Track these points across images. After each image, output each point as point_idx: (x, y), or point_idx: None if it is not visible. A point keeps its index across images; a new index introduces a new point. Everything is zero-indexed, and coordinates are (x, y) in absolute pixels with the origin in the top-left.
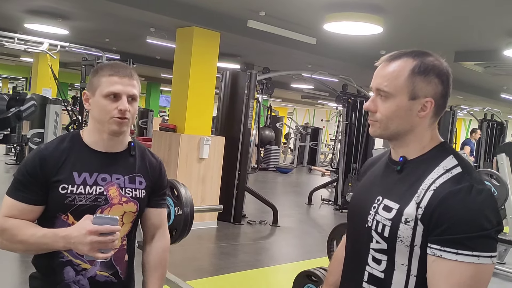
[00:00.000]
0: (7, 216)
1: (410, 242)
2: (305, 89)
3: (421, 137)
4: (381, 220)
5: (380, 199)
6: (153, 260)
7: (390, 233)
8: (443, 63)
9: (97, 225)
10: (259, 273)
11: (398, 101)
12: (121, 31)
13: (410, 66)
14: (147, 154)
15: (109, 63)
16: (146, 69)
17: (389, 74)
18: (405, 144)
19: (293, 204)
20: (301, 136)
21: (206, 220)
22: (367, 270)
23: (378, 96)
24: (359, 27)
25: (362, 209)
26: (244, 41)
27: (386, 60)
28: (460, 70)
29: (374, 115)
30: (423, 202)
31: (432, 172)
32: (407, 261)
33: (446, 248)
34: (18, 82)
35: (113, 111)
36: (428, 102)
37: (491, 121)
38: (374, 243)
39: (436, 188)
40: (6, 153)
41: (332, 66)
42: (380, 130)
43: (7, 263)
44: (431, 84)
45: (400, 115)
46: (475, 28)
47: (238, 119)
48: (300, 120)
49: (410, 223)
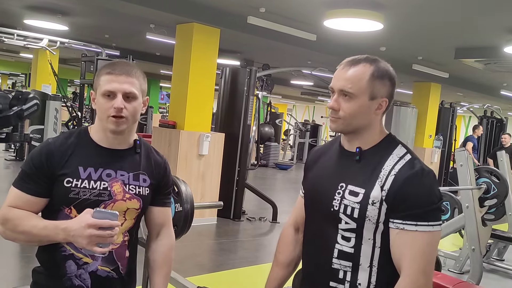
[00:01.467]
0: (11, 206)
1: (376, 219)
2: (304, 86)
3: (374, 130)
4: (349, 203)
5: (343, 186)
6: (158, 258)
7: (360, 214)
8: (391, 68)
9: (97, 219)
10: (259, 269)
11: (360, 101)
12: (120, 27)
13: (370, 71)
14: (152, 152)
15: (110, 62)
16: (145, 65)
17: (352, 77)
18: (361, 136)
19: (292, 200)
20: (300, 133)
21: (206, 216)
22: (337, 248)
23: (341, 96)
24: (360, 24)
25: (324, 195)
26: (244, 38)
27: (346, 65)
28: (460, 67)
29: (337, 113)
30: (386, 185)
31: (388, 159)
32: (373, 236)
33: (407, 222)
34: (17, 78)
35: (110, 109)
36: (383, 101)
37: (491, 118)
38: (343, 224)
39: (396, 173)
40: (5, 149)
41: (332, 62)
42: (342, 126)
43: (8, 257)
44: (386, 86)
45: (361, 113)
46: (475, 25)
47: (238, 116)
48: (299, 116)
49: (376, 204)
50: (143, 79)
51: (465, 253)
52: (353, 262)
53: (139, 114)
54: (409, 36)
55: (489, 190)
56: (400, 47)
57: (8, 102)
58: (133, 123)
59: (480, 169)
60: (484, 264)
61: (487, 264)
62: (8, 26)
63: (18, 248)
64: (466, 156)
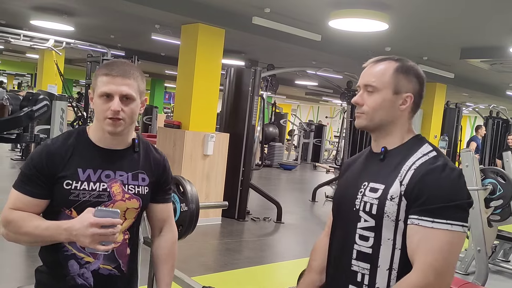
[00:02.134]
0: (12, 208)
1: (395, 217)
2: (309, 86)
3: (401, 128)
4: (368, 200)
5: (366, 184)
6: (162, 253)
7: (378, 210)
8: (420, 69)
9: (99, 217)
10: (263, 269)
11: (384, 95)
12: (126, 27)
13: (394, 66)
14: (151, 150)
15: (108, 62)
16: (150, 65)
17: (376, 72)
18: (387, 134)
19: (297, 201)
20: (305, 133)
21: (211, 216)
22: (355, 248)
23: (366, 92)
24: (365, 24)
25: (349, 196)
26: (248, 38)
27: (372, 62)
28: (466, 67)
29: (361, 107)
30: (405, 180)
31: (412, 156)
32: (392, 236)
33: (423, 217)
34: (23, 78)
35: (107, 111)
36: (408, 97)
37: (496, 118)
38: (362, 222)
39: (416, 167)
40: (12, 149)
41: (337, 63)
42: (366, 121)
43: (13, 257)
44: (412, 82)
45: (384, 107)
46: (481, 25)
47: (243, 116)
48: (304, 117)
49: (395, 199)
50: (141, 80)
51: (471, 254)
52: (372, 264)
53: (136, 115)
54: (414, 36)
55: (495, 191)
56: (405, 48)
57: (19, 103)
58: (131, 124)
59: (486, 170)
60: (489, 265)
61: (493, 265)
62: (14, 27)
63: (24, 248)
64: (472, 157)
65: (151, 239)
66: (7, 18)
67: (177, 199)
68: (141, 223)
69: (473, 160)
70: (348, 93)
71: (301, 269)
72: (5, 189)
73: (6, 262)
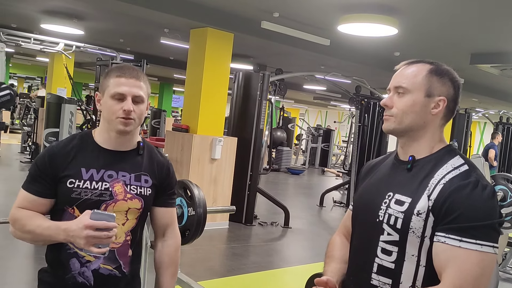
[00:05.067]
0: (20, 207)
1: (421, 233)
2: (317, 91)
3: (431, 135)
4: (393, 213)
5: (391, 195)
6: (164, 258)
7: (403, 225)
8: (456, 73)
9: (94, 220)
10: (271, 274)
11: (415, 97)
12: (135, 31)
13: (428, 68)
14: (155, 153)
15: (118, 66)
16: (159, 69)
17: (408, 74)
18: (416, 141)
19: (304, 205)
20: (313, 138)
21: (218, 220)
22: (376, 262)
23: (396, 94)
24: (374, 29)
25: (372, 205)
26: (257, 42)
27: (405, 64)
28: (476, 72)
29: (390, 110)
30: (433, 195)
31: (441, 168)
32: (417, 252)
33: (451, 235)
34: (33, 81)
35: (119, 111)
36: (441, 101)
37: (507, 124)
38: (385, 235)
39: (445, 182)
40: (21, 152)
41: (346, 67)
42: (394, 125)
43: (20, 259)
44: (445, 85)
45: (415, 110)
46: (491, 30)
47: (251, 120)
48: (312, 121)
49: (422, 215)
50: (149, 84)
51: None
52: (393, 280)
53: (144, 116)
54: (423, 41)
55: (506, 198)
56: (415, 52)
57: None
58: (139, 124)
59: (496, 176)
60: (499, 272)
61: (503, 272)
62: (25, 31)
63: (31, 251)
64: (482, 162)
65: (154, 244)
66: (18, 22)
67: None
68: (148, 227)
69: (483, 166)
70: (357, 98)
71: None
72: (14, 191)
73: (14, 265)
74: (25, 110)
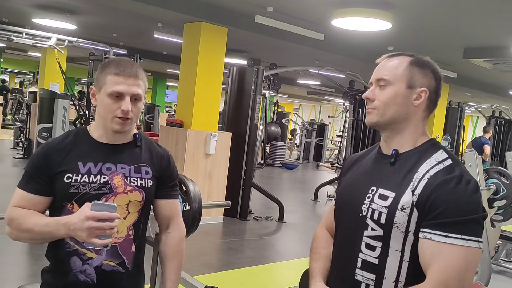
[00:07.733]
0: (16, 206)
1: (405, 228)
2: (311, 85)
3: (414, 128)
4: (377, 208)
5: (374, 189)
6: (169, 250)
7: (387, 220)
8: (437, 65)
9: (95, 211)
10: (266, 269)
11: (396, 88)
12: (128, 26)
13: (409, 60)
14: (153, 145)
15: (116, 60)
16: (153, 64)
17: (389, 67)
18: (399, 134)
19: (299, 200)
20: (307, 132)
21: (213, 215)
22: (360, 257)
23: (378, 87)
24: (368, 23)
25: (355, 200)
26: (251, 37)
27: (386, 57)
28: (469, 66)
29: (372, 103)
30: (418, 190)
31: (425, 163)
32: (401, 247)
33: (436, 231)
34: (25, 76)
35: (116, 110)
36: (423, 92)
37: (499, 118)
38: (369, 231)
39: (429, 177)
40: (14, 147)
41: (340, 62)
42: (377, 117)
43: (16, 255)
44: (427, 76)
45: (397, 102)
46: (484, 25)
47: (245, 115)
48: (306, 116)
49: (406, 210)
50: (146, 79)
51: None
52: (377, 275)
53: (140, 113)
54: (417, 35)
55: (498, 191)
56: (408, 47)
57: None
58: (135, 122)
59: (489, 170)
60: (492, 265)
61: (496, 265)
62: (17, 25)
63: (26, 246)
64: (475, 156)
65: (159, 236)
66: (9, 16)
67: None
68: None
69: (476, 160)
70: (351, 93)
71: (303, 268)
72: (7, 187)
73: (9, 260)
74: (17, 106)
